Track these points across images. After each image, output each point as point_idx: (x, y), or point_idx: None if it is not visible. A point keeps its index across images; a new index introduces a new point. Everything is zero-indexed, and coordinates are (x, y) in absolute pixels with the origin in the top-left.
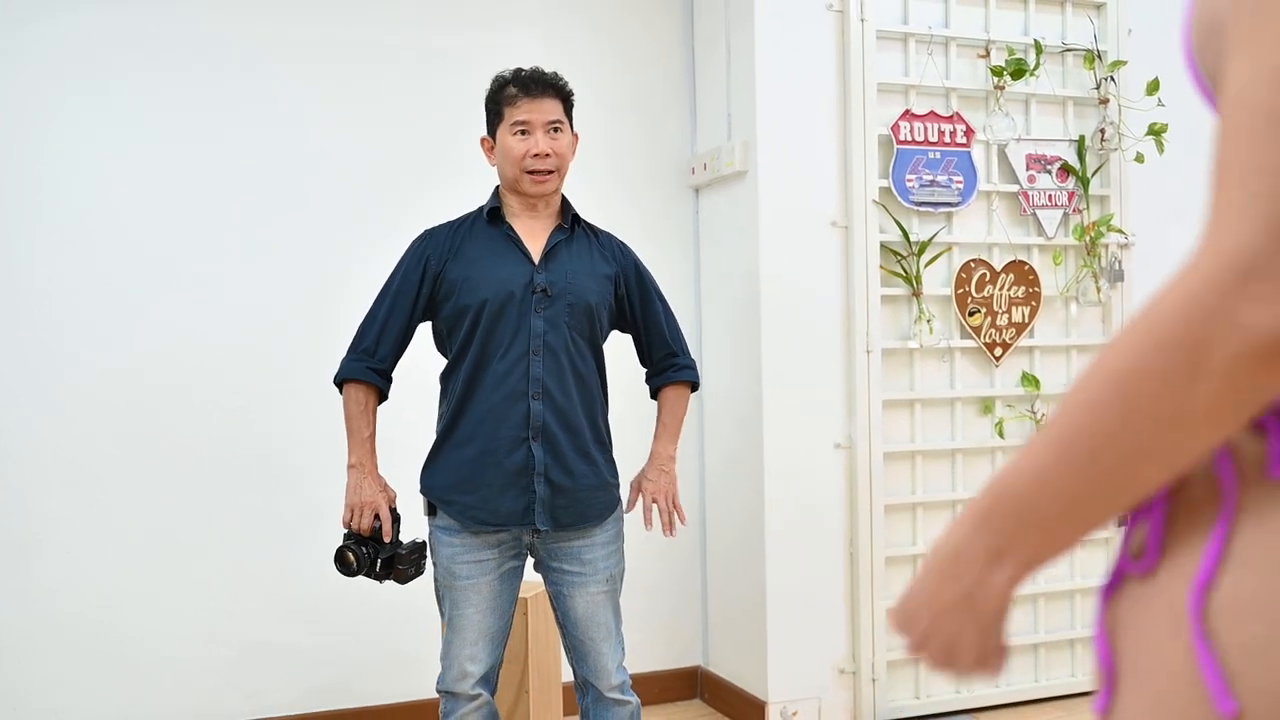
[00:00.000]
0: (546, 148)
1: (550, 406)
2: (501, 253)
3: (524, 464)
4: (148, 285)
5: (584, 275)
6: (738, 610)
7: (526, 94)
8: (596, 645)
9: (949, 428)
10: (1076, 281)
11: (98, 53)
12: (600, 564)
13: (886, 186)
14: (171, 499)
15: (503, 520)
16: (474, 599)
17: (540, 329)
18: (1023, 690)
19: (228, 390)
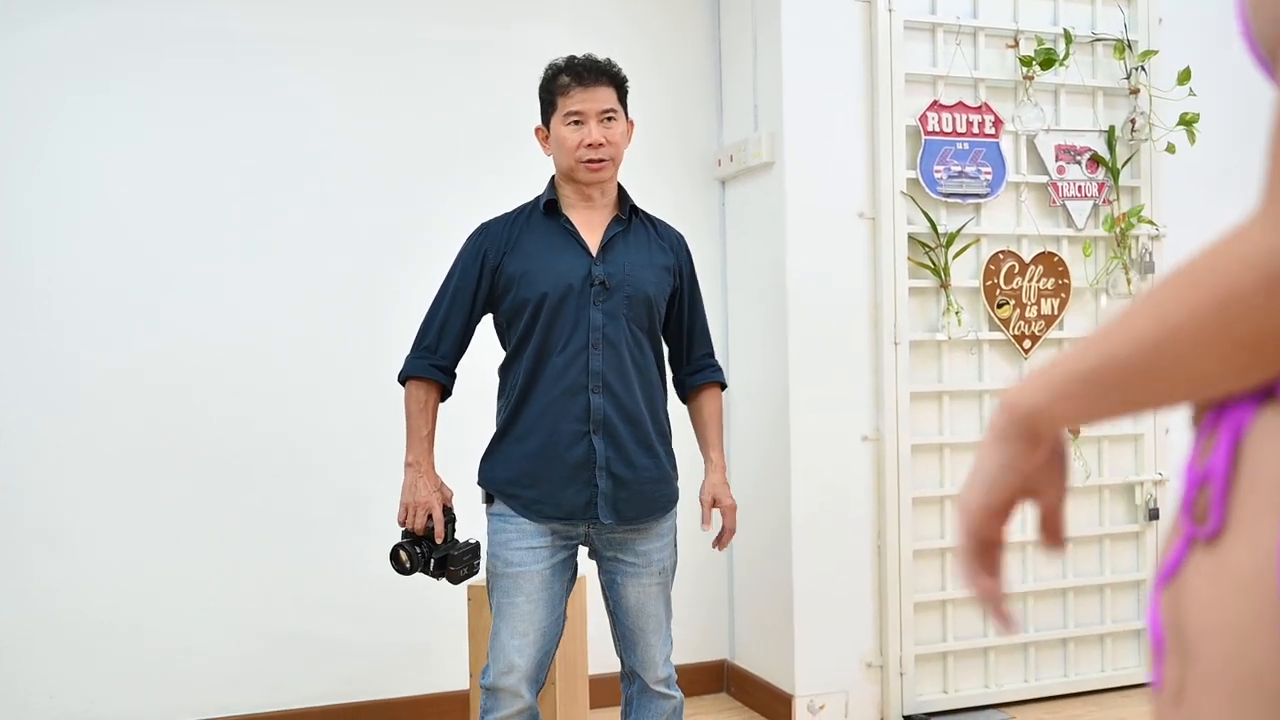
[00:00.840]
0: (600, 137)
1: (611, 400)
2: (559, 246)
3: (585, 458)
4: (153, 283)
5: (642, 266)
6: (765, 604)
7: (580, 83)
8: (645, 636)
9: (977, 420)
10: (1107, 273)
11: (98, 51)
12: (654, 556)
13: (914, 178)
14: (192, 490)
15: (566, 514)
16: (525, 587)
17: (599, 321)
18: (1052, 685)
19: (250, 383)
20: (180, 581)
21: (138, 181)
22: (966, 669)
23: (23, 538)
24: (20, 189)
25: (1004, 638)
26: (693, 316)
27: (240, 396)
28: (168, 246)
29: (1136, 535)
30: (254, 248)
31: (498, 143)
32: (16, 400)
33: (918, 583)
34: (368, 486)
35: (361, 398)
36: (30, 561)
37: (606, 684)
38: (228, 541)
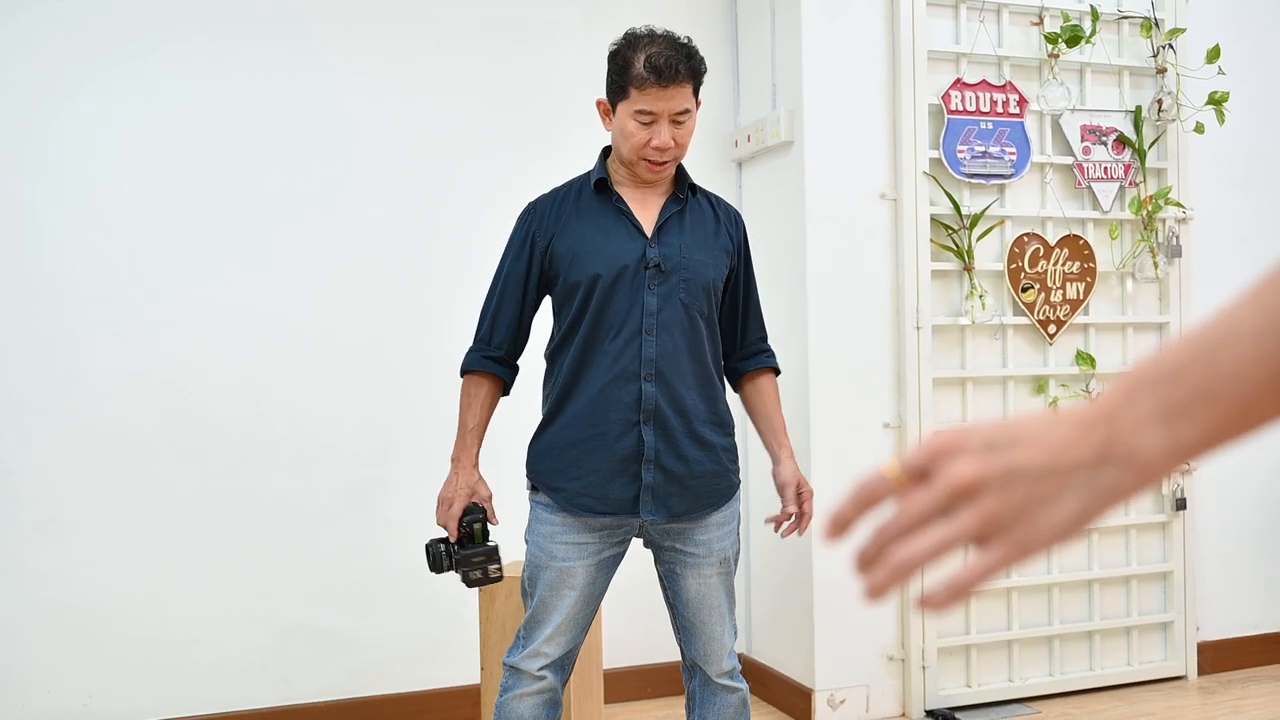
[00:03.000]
0: (669, 140)
1: (664, 389)
2: (611, 227)
3: (634, 449)
4: (154, 272)
5: (700, 249)
6: (783, 596)
7: (659, 82)
8: (709, 628)
9: (1001, 407)
10: (1133, 257)
11: (107, 33)
12: (715, 545)
13: (937, 158)
14: (198, 482)
15: (612, 508)
16: (569, 582)
17: (654, 306)
18: (1077, 679)
19: (256, 372)
20: (185, 574)
21: (142, 167)
22: (990, 662)
23: (22, 529)
24: (26, 173)
25: (1028, 630)
26: (748, 299)
27: (247, 386)
28: (170, 235)
29: (1163, 526)
30: (257, 236)
31: (525, 126)
32: (16, 390)
33: (940, 575)
34: (378, 477)
35: (371, 387)
36: (29, 553)
37: (621, 678)
38: (233, 533)
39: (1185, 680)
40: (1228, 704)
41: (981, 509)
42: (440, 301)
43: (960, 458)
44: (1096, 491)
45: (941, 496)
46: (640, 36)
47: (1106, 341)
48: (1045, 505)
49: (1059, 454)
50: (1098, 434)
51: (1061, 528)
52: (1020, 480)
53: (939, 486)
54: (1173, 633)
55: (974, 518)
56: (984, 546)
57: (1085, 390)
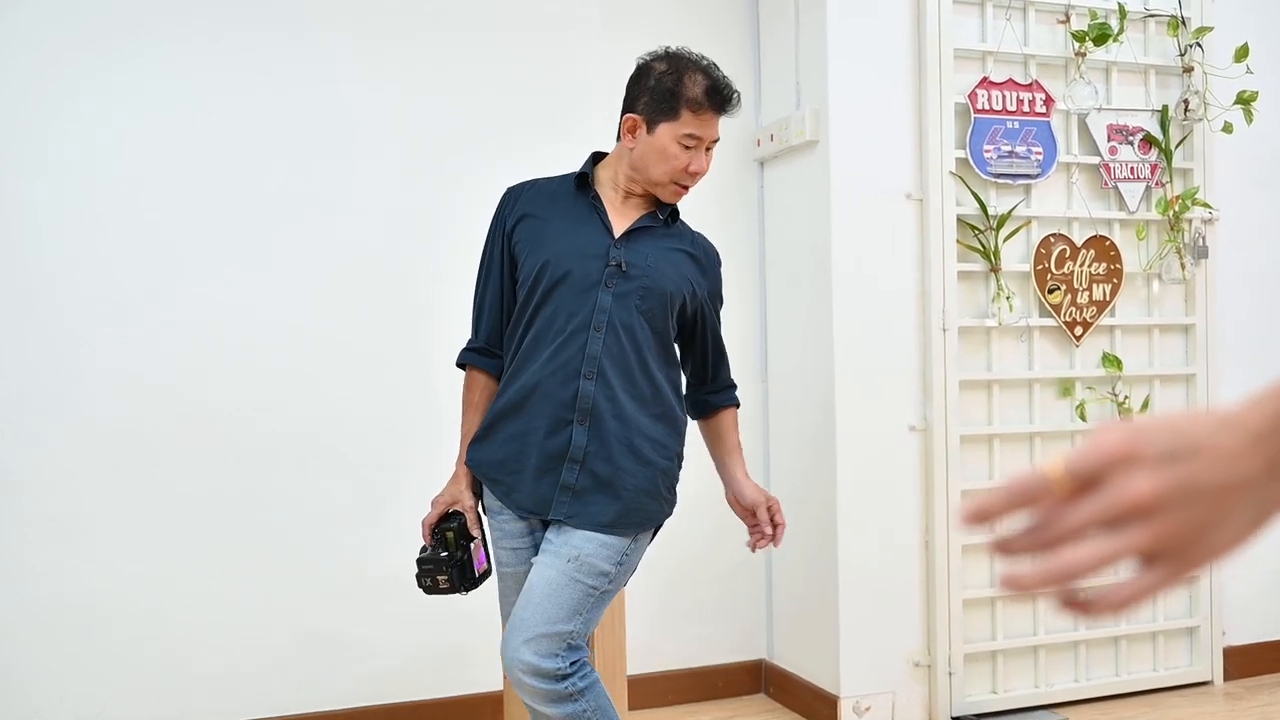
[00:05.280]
0: (703, 167)
1: (604, 390)
2: (581, 219)
3: (563, 449)
4: (158, 273)
5: (665, 263)
6: (808, 601)
7: (715, 110)
8: (513, 615)
9: (1027, 410)
10: (1160, 258)
11: (107, 29)
12: (577, 543)
13: (963, 157)
14: (212, 486)
15: (539, 508)
16: (514, 588)
17: (606, 303)
18: (1104, 684)
19: (271, 375)
20: (190, 578)
21: (143, 166)
22: (1016, 668)
23: (29, 534)
24: (27, 171)
25: (1055, 636)
26: (715, 337)
27: (251, 386)
28: (169, 234)
29: None
30: (257, 235)
31: (534, 124)
32: (49, 384)
33: (966, 579)
34: (394, 479)
35: (387, 390)
36: (38, 560)
37: (647, 684)
38: (242, 537)
39: (1211, 686)
40: (1256, 710)
41: (1156, 527)
42: (450, 299)
43: (1136, 471)
44: (1264, 507)
45: (1113, 511)
46: (687, 60)
47: (1132, 344)
48: (1218, 523)
49: (1233, 467)
50: (1270, 446)
51: (1228, 545)
52: (1199, 499)
53: (1111, 501)
54: (1199, 638)
55: (1146, 536)
56: (1150, 563)
57: (1112, 393)
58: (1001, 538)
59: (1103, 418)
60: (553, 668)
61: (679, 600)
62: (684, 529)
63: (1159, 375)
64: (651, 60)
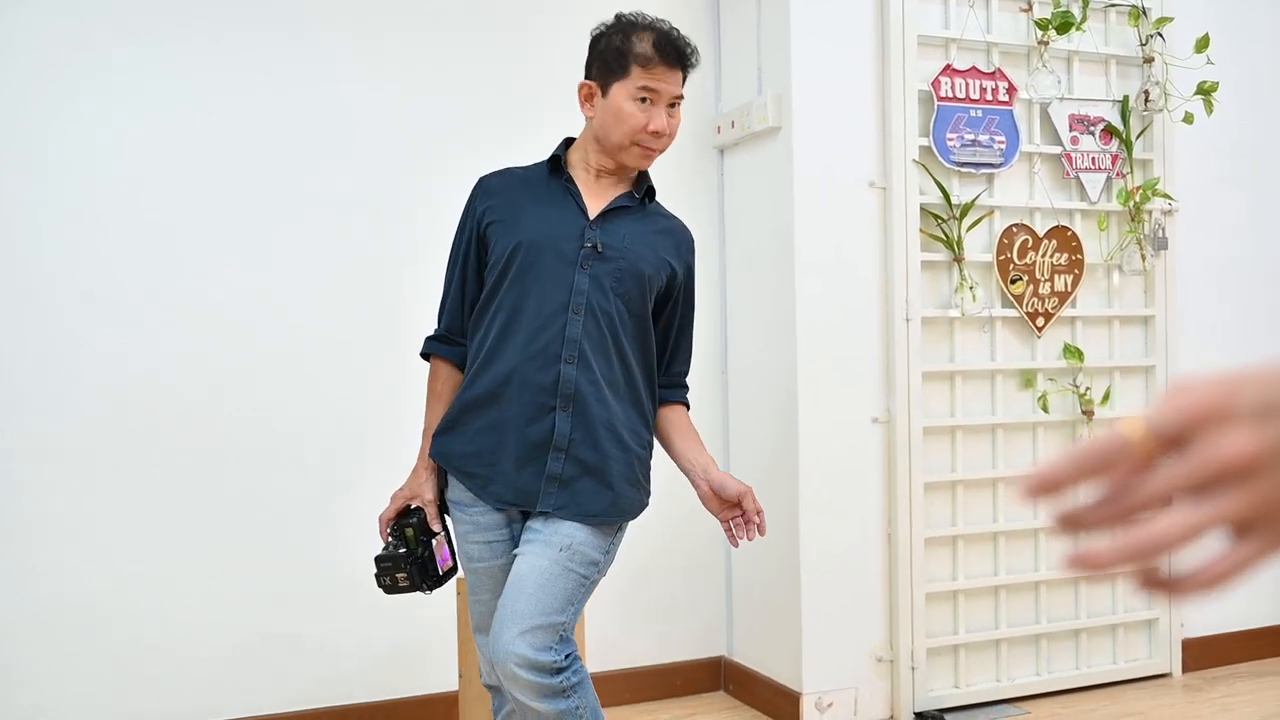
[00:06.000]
0: (665, 126)
1: (586, 374)
2: (555, 202)
3: (545, 437)
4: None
5: (642, 244)
6: (769, 596)
7: (664, 61)
8: (502, 607)
9: (989, 401)
10: (1120, 249)
11: (100, 31)
12: (567, 531)
13: (926, 145)
14: (158, 484)
15: (521, 500)
16: (488, 584)
17: (584, 285)
18: (1065, 678)
19: (225, 371)
20: (143, 579)
21: (142, 165)
22: (978, 662)
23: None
24: (26, 171)
25: (1016, 629)
26: (681, 327)
27: (212, 384)
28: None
29: None
30: (220, 236)
31: (502, 117)
32: (20, 391)
33: (929, 572)
34: (349, 476)
35: (341, 385)
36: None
37: (605, 682)
38: (191, 534)
39: (1170, 678)
40: (1214, 702)
41: (1252, 492)
42: (411, 296)
43: (1229, 428)
44: None
45: (1204, 474)
46: (636, 20)
47: (1093, 335)
48: None
49: None
50: None
51: None
52: None
53: (1201, 463)
54: (1158, 630)
55: (1241, 502)
56: (1245, 534)
57: (1073, 385)
58: (1071, 510)
59: (1065, 410)
60: (549, 660)
61: (637, 597)
62: (643, 524)
63: (1119, 367)
64: (602, 28)
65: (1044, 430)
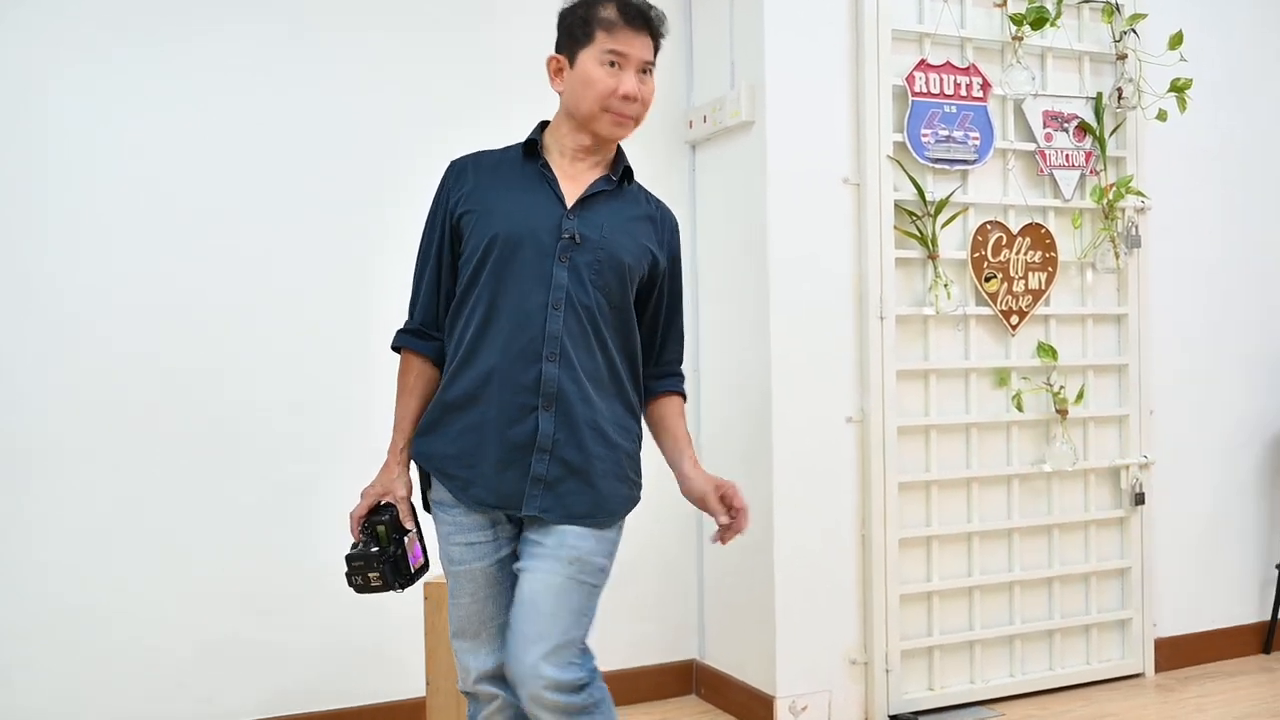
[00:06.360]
0: (636, 90)
1: (568, 372)
2: (528, 191)
3: (529, 438)
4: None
5: (621, 233)
6: (741, 599)
7: (629, 23)
8: (519, 627)
9: (963, 401)
10: (1094, 247)
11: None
12: (570, 539)
13: (901, 141)
14: (109, 477)
15: (503, 502)
16: (468, 586)
17: (563, 279)
18: (1038, 679)
19: (175, 356)
20: (89, 580)
21: (117, 169)
22: (952, 664)
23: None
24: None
25: (990, 630)
26: (670, 314)
27: (168, 379)
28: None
29: (1121, 521)
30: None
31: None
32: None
33: (903, 574)
34: (312, 473)
35: (303, 381)
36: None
37: None
38: (146, 534)
39: (1143, 678)
40: (1187, 702)
41: None
42: (378, 289)
43: None
44: None
45: None
46: None
47: (1067, 333)
48: None
49: None
50: None
51: None
52: None
53: None
54: (1130, 630)
55: None
56: None
57: (1047, 383)
58: None
59: (1039, 409)
60: (573, 679)
61: (606, 599)
62: None
63: (1092, 365)
64: (568, 2)
65: (1018, 429)
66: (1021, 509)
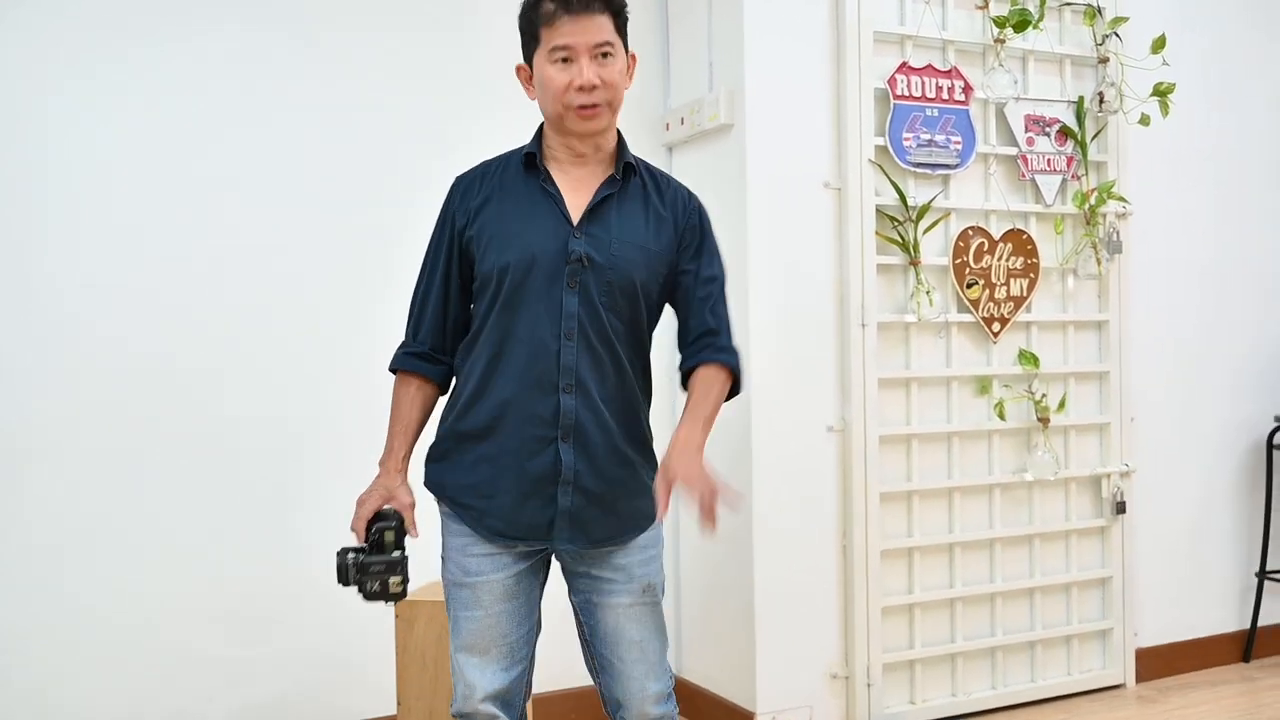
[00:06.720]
0: (593, 78)
1: (585, 401)
2: (535, 209)
3: (550, 470)
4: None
5: (631, 246)
6: (720, 611)
7: (567, 11)
8: (627, 667)
9: (945, 409)
10: (1076, 253)
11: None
12: (636, 570)
13: (882, 145)
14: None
15: (523, 533)
16: (484, 599)
17: (573, 308)
18: (1020, 691)
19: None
20: (47, 593)
21: (104, 162)
22: (934, 677)
23: None
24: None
25: (971, 642)
26: (695, 285)
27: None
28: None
29: (1102, 530)
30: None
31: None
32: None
33: (885, 585)
34: (282, 483)
35: (278, 381)
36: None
37: (550, 703)
38: (106, 547)
39: (1124, 689)
40: (1171, 713)
41: None
42: (363, 294)
43: None
44: None
45: None
46: None
47: (1048, 340)
48: None
49: None
50: None
51: None
52: None
53: None
54: (1111, 640)
55: None
56: None
57: (1029, 391)
58: None
59: (1021, 417)
60: (668, 688)
61: None
62: None
63: (1074, 373)
64: None
65: (999, 438)
66: (1003, 518)
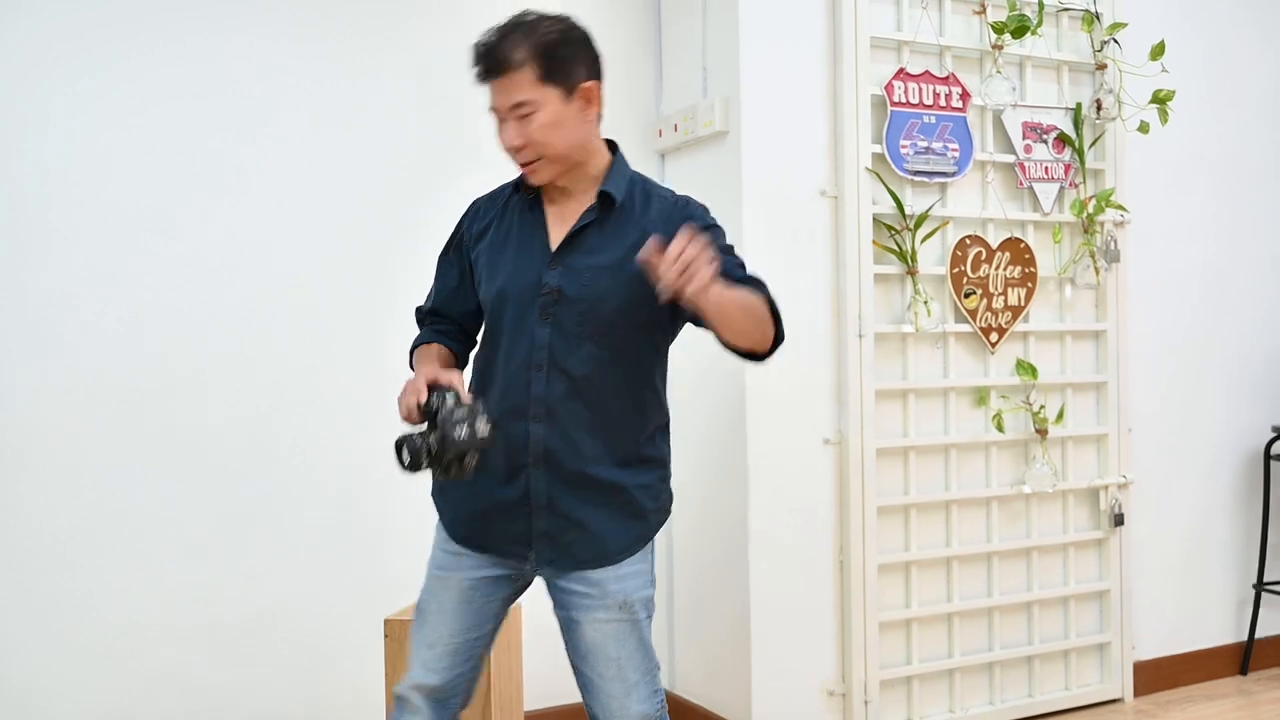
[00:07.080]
0: (513, 139)
1: (555, 430)
2: (524, 239)
3: (520, 496)
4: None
5: (607, 272)
6: (715, 626)
7: (481, 77)
8: (605, 684)
9: (941, 420)
10: (1074, 262)
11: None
12: (611, 585)
13: (879, 153)
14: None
15: (509, 554)
16: (440, 595)
17: (544, 339)
18: (1018, 706)
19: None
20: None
21: (103, 162)
22: (931, 693)
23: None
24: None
25: (969, 658)
26: None
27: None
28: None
29: (1099, 543)
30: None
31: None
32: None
33: (882, 600)
34: (265, 494)
35: (259, 387)
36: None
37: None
38: (82, 562)
39: (1122, 703)
40: None
41: None
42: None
43: None
44: None
45: None
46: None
47: (1045, 350)
48: None
49: None
50: None
51: None
52: None
53: None
54: (1109, 654)
55: None
56: None
57: (1026, 402)
58: None
59: (1019, 429)
60: (657, 709)
61: None
62: None
63: (1071, 383)
64: None
65: (997, 450)
66: (1001, 531)
